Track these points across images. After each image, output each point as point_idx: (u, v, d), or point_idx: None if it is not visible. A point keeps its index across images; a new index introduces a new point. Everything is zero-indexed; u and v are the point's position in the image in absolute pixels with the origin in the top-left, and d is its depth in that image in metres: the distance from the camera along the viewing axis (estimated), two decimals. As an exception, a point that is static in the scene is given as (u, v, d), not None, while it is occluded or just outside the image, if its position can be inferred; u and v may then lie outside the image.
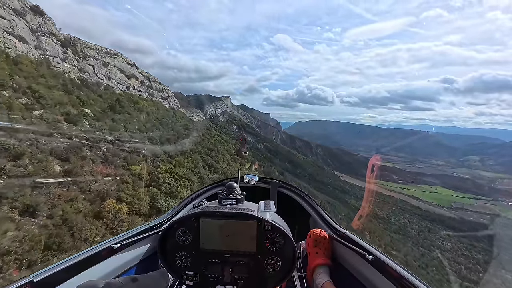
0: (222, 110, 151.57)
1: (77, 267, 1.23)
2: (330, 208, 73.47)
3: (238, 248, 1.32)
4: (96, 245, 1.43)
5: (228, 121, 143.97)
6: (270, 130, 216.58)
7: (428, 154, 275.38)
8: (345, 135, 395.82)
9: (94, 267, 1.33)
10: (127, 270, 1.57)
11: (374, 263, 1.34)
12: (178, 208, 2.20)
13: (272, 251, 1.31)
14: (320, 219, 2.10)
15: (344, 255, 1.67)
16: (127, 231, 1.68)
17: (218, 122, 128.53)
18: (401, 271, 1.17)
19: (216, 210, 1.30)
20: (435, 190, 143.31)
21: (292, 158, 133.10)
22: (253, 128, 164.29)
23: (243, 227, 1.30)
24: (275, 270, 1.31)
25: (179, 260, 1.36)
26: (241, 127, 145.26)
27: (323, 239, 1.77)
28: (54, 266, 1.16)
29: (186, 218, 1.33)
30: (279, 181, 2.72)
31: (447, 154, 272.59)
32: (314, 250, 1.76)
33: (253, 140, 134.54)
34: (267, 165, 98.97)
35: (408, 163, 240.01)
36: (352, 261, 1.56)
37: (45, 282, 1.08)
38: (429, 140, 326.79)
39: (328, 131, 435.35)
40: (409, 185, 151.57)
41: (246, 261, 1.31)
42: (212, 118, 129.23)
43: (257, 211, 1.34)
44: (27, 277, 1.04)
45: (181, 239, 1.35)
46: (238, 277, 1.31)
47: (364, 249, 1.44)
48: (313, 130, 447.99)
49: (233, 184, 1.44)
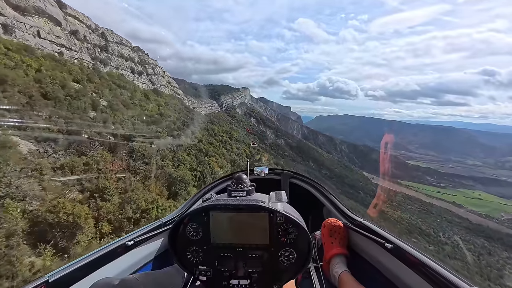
0: (240, 101, 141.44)
1: (91, 266, 1.26)
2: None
3: (250, 241, 1.29)
4: (109, 243, 1.44)
5: (246, 113, 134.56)
6: (291, 124, 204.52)
7: (462, 153, 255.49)
8: (369, 131, 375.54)
9: (109, 265, 1.35)
10: (142, 266, 1.60)
11: (393, 252, 1.32)
12: (190, 203, 2.20)
13: (286, 242, 1.28)
14: (334, 208, 2.08)
15: (361, 244, 1.65)
16: (140, 228, 1.69)
17: (235, 115, 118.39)
18: (424, 259, 1.14)
19: (225, 203, 1.28)
20: (478, 196, 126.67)
21: (316, 156, 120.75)
22: (273, 122, 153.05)
23: (254, 219, 1.27)
24: (290, 262, 1.29)
25: (190, 255, 1.34)
26: (260, 120, 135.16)
27: (339, 229, 1.75)
28: (69, 266, 1.18)
29: (196, 212, 1.32)
30: (290, 172, 2.64)
31: (483, 154, 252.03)
32: (330, 240, 1.73)
33: (273, 135, 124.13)
34: (289, 164, 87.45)
35: (440, 162, 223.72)
36: (370, 250, 1.54)
37: (61, 281, 1.10)
38: (462, 138, 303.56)
39: (351, 126, 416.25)
40: (447, 189, 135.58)
41: (259, 254, 1.29)
42: (228, 110, 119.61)
43: (268, 202, 1.30)
44: (43, 276, 1.07)
45: (192, 234, 1.33)
46: (252, 270, 1.29)
47: (382, 238, 1.41)
48: (334, 125, 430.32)
49: (242, 176, 1.40)
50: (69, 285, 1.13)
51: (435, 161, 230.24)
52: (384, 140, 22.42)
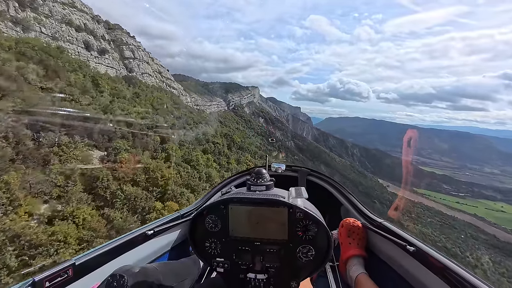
0: (248, 100, 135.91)
1: (114, 252, 1.33)
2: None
3: (269, 236, 1.30)
4: (131, 232, 1.51)
5: (254, 113, 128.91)
6: (300, 125, 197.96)
7: (479, 160, 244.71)
8: (380, 134, 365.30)
9: (130, 252, 1.42)
10: (160, 256, 1.67)
11: (416, 255, 1.28)
12: (207, 196, 2.25)
13: (304, 239, 1.28)
14: (353, 208, 2.05)
15: (380, 246, 1.61)
16: (159, 219, 1.76)
17: (243, 114, 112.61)
18: (448, 263, 1.11)
19: (244, 197, 1.30)
20: (501, 208, 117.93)
21: (327, 160, 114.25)
22: (283, 123, 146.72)
23: (273, 214, 1.28)
24: (308, 259, 1.28)
25: (209, 247, 1.37)
26: (269, 120, 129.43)
27: (357, 229, 1.71)
28: (93, 250, 1.26)
29: (215, 204, 1.34)
30: (307, 169, 2.65)
31: (501, 162, 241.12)
32: (347, 240, 1.70)
33: (282, 137, 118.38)
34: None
35: (455, 169, 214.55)
36: (390, 252, 1.50)
37: (86, 265, 1.18)
38: (479, 144, 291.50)
39: (361, 128, 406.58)
40: (466, 199, 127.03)
41: (277, 249, 1.29)
42: (235, 108, 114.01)
43: (287, 198, 1.30)
44: (70, 259, 1.14)
45: (211, 226, 1.35)
46: (270, 265, 1.29)
47: (404, 240, 1.37)
48: (344, 127, 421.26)
49: (261, 170, 1.41)
50: (93, 269, 1.21)
51: (450, 167, 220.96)
52: (406, 145, 20.01)
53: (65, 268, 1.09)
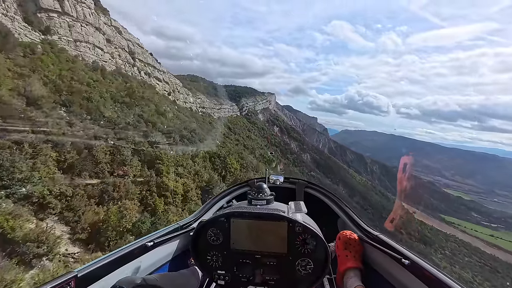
0: (263, 106, 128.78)
1: (115, 263, 1.33)
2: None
3: (269, 249, 1.33)
4: (131, 243, 1.52)
5: (269, 120, 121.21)
6: (316, 136, 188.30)
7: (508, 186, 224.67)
8: (399, 151, 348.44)
9: (130, 263, 1.42)
10: (160, 267, 1.68)
11: (410, 268, 1.28)
12: (206, 208, 2.27)
13: (303, 252, 1.31)
14: (349, 220, 2.07)
15: (376, 258, 1.63)
16: (159, 230, 1.78)
17: (256, 121, 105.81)
18: (441, 277, 1.12)
19: (246, 211, 1.33)
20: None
21: (346, 178, 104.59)
22: (298, 133, 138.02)
23: (273, 228, 1.31)
24: (307, 272, 1.31)
25: (210, 260, 1.39)
26: (284, 129, 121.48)
27: (354, 241, 1.73)
28: (95, 262, 1.26)
29: (217, 218, 1.36)
30: (305, 181, 2.69)
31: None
32: (344, 253, 1.72)
33: (297, 148, 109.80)
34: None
35: (481, 194, 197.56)
36: (386, 265, 1.51)
37: (88, 276, 1.18)
38: (508, 168, 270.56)
39: (379, 143, 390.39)
40: (501, 232, 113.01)
41: (277, 262, 1.32)
42: (249, 114, 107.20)
43: (287, 212, 1.34)
44: (73, 271, 1.14)
45: (212, 239, 1.38)
46: (269, 278, 1.32)
47: (399, 253, 1.38)
48: (361, 140, 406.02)
49: (262, 185, 1.46)
50: (95, 280, 1.21)
51: (475, 191, 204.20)
52: (403, 161, 16.57)
53: (67, 280, 1.10)
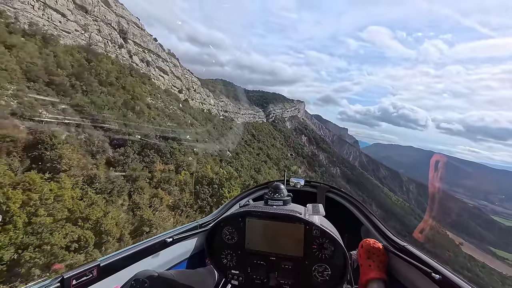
0: (291, 114, 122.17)
1: (135, 256, 1.35)
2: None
3: (284, 252, 1.28)
4: (151, 238, 1.54)
5: (296, 129, 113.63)
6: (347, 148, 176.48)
7: None
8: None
9: (149, 258, 1.44)
10: (178, 263, 1.69)
11: (442, 283, 1.17)
12: (225, 207, 2.24)
13: (320, 257, 1.26)
14: (374, 228, 1.96)
15: (402, 270, 1.53)
16: (178, 227, 1.79)
17: (283, 129, 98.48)
18: None
19: (261, 210, 1.30)
20: None
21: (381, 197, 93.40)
22: (328, 144, 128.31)
23: (289, 229, 1.27)
24: (324, 279, 1.25)
25: (225, 259, 1.38)
26: (312, 139, 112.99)
27: (378, 251, 1.61)
28: (117, 254, 1.30)
29: (232, 216, 1.35)
30: (327, 185, 2.56)
31: None
32: (367, 262, 1.60)
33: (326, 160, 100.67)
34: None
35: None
36: (413, 278, 1.41)
37: (109, 266, 1.22)
38: None
39: (414, 159, 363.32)
40: None
41: (292, 266, 1.27)
42: (275, 121, 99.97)
43: (304, 214, 1.29)
44: (96, 260, 1.19)
45: (227, 238, 1.37)
46: (284, 282, 1.28)
47: (428, 266, 1.28)
48: (394, 155, 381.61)
49: (279, 185, 1.42)
50: (116, 271, 1.24)
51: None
52: (435, 159, 15.55)
53: (90, 268, 1.13)
